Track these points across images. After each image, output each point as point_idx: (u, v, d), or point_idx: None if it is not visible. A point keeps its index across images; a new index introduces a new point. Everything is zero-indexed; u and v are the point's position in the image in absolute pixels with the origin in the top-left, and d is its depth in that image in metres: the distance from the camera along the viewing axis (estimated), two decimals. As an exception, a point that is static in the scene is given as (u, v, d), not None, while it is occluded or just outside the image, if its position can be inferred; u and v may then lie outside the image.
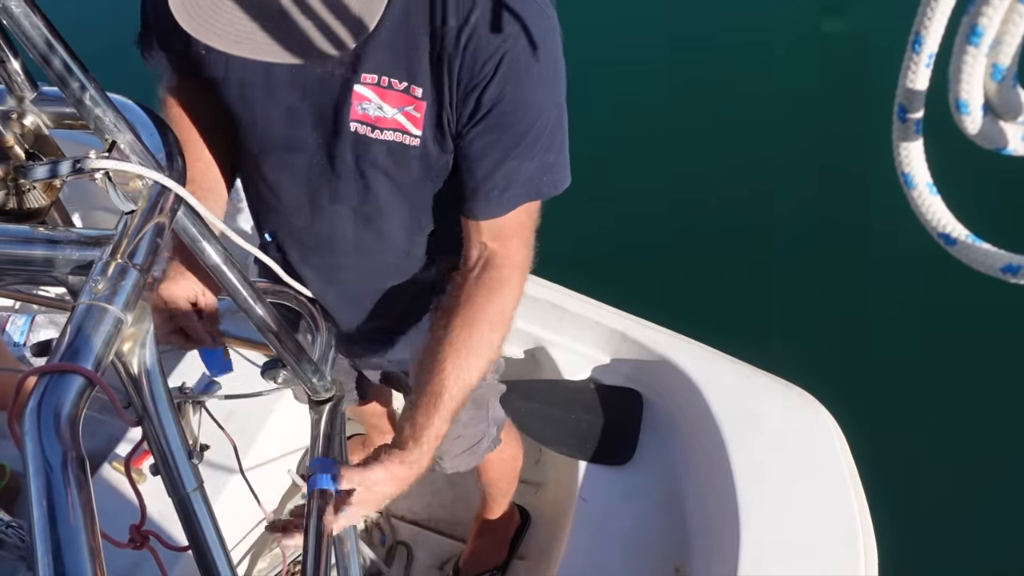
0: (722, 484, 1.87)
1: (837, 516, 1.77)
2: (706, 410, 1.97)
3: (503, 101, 1.11)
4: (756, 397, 1.99)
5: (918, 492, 2.68)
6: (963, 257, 0.52)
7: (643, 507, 2.05)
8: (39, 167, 0.85)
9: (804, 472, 1.86)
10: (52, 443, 0.68)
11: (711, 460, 1.94)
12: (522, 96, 1.12)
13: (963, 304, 2.96)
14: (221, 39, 0.93)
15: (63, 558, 0.65)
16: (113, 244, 0.83)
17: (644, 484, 2.09)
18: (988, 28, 0.46)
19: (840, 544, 1.73)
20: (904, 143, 0.53)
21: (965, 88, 0.49)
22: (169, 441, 0.94)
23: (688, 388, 2.04)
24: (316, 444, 1.30)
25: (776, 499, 1.81)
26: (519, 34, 1.09)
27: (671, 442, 2.14)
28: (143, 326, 0.88)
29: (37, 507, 0.66)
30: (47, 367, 0.72)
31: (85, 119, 0.82)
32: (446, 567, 2.36)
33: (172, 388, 0.98)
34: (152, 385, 0.91)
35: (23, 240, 0.86)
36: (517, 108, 1.13)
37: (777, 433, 1.92)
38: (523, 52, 1.09)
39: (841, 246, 3.35)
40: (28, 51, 0.76)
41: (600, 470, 2.11)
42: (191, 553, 0.99)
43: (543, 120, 1.16)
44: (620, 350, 2.22)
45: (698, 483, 2.04)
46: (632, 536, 2.01)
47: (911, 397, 2.93)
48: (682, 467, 2.10)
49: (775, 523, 1.77)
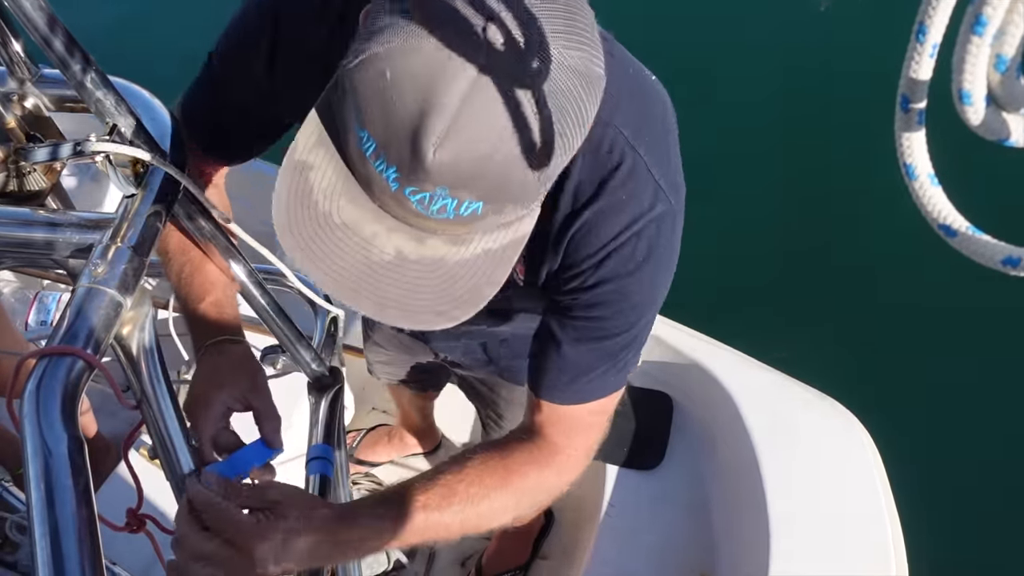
0: (752, 493, 1.83)
1: (868, 532, 1.73)
2: (737, 417, 1.94)
3: (600, 304, 0.97)
4: (788, 406, 1.94)
5: (952, 511, 2.62)
6: (963, 249, 0.52)
7: (669, 512, 2.03)
8: (40, 149, 0.85)
9: (836, 485, 1.82)
10: (50, 425, 0.69)
11: (741, 468, 1.91)
12: (623, 299, 0.97)
13: (1006, 318, 2.91)
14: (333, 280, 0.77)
15: (60, 540, 0.65)
16: (113, 228, 0.83)
17: (672, 489, 2.06)
18: (992, 18, 0.46)
19: (871, 561, 1.70)
20: (906, 133, 0.53)
21: (968, 78, 0.48)
22: (168, 424, 0.94)
23: (719, 394, 2.00)
24: (315, 431, 1.30)
25: (806, 511, 1.77)
26: (634, 229, 0.92)
27: (700, 448, 2.11)
28: (142, 309, 0.88)
29: (35, 489, 0.67)
30: (46, 350, 0.72)
31: (86, 102, 0.82)
32: (468, 564, 2.35)
33: (171, 371, 0.98)
34: (151, 368, 0.91)
35: (23, 222, 0.86)
36: (614, 312, 0.98)
37: (809, 444, 1.87)
38: (634, 250, 0.93)
39: (875, 258, 3.26)
40: (29, 33, 0.76)
41: (627, 473, 2.08)
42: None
43: (640, 326, 1.01)
44: (651, 352, 2.18)
45: (727, 490, 2.01)
46: (657, 540, 1.99)
47: (948, 412, 2.86)
48: (711, 473, 2.07)
49: (804, 535, 1.74)
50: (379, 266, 0.75)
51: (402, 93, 0.66)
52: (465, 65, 0.65)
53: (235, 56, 1.03)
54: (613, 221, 0.91)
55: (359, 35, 0.71)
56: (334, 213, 0.75)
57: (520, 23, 0.66)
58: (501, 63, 0.66)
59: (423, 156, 0.66)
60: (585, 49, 0.70)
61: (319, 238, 0.75)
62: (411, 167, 0.67)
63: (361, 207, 0.74)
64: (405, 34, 0.66)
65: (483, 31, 0.65)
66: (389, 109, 0.67)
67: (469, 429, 2.51)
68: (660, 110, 0.96)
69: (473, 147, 0.66)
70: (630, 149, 0.90)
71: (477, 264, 0.78)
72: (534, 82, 0.67)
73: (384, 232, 0.75)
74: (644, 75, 0.97)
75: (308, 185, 0.75)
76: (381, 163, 0.69)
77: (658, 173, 0.92)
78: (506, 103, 0.66)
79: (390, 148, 0.68)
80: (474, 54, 0.65)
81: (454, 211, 0.70)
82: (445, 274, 0.77)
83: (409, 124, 0.66)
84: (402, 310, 0.77)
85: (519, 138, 0.68)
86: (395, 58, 0.66)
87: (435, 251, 0.76)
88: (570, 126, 0.71)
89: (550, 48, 0.67)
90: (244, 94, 1.04)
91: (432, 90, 0.65)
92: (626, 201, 0.91)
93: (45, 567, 0.64)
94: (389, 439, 2.46)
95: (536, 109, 0.67)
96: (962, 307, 3.05)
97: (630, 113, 0.90)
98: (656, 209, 0.92)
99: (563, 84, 0.68)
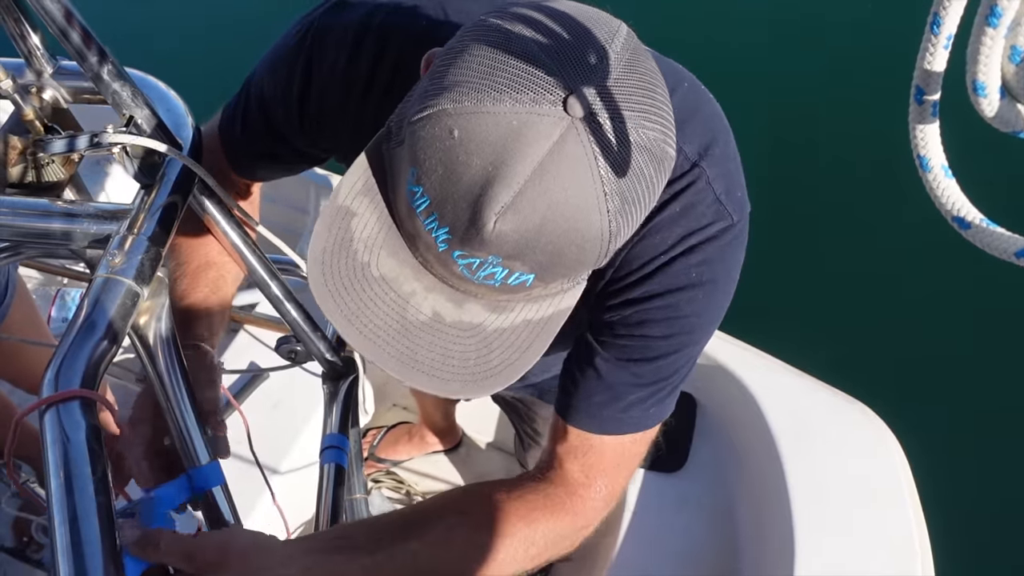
0: (777, 497, 1.81)
1: (895, 538, 1.71)
2: (763, 421, 1.91)
3: (647, 321, 0.89)
4: (815, 410, 1.91)
5: (980, 516, 2.57)
6: (977, 241, 0.52)
7: (693, 515, 2.01)
8: (57, 140, 0.86)
9: (862, 490, 1.79)
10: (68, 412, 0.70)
11: (766, 472, 1.89)
12: (672, 318, 0.89)
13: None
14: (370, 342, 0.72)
15: (80, 527, 0.66)
16: (130, 219, 0.84)
17: (695, 492, 2.04)
18: (1007, 10, 0.46)
19: (897, 567, 1.67)
20: (920, 125, 0.53)
21: (983, 70, 0.48)
22: (184, 414, 0.95)
23: (744, 396, 1.98)
24: (329, 420, 1.31)
25: (832, 515, 1.75)
26: (688, 243, 0.86)
27: (725, 450, 2.09)
28: (159, 299, 0.89)
29: (54, 477, 0.68)
30: (45, 400, 0.71)
31: (103, 93, 0.83)
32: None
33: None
34: (168, 358, 0.92)
35: (42, 213, 0.87)
36: (661, 332, 0.90)
37: (836, 450, 1.85)
38: (687, 265, 0.87)
39: (904, 259, 3.20)
40: (47, 25, 0.77)
41: (651, 475, 2.06)
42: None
43: (687, 352, 0.93)
44: (675, 353, 2.16)
45: (751, 494, 1.99)
46: (680, 543, 1.97)
47: (976, 416, 2.81)
48: (735, 476, 2.05)
49: (830, 540, 1.72)
50: (413, 326, 0.71)
51: (469, 156, 0.62)
52: (539, 137, 0.61)
53: (270, 96, 0.98)
54: (666, 233, 0.85)
55: (425, 85, 0.67)
56: (372, 265, 0.71)
57: (601, 96, 0.63)
58: (576, 138, 0.62)
59: (482, 225, 0.62)
60: (659, 127, 0.67)
61: (353, 289, 0.71)
62: (466, 233, 0.64)
63: (402, 261, 0.71)
64: (479, 95, 0.62)
65: (563, 102, 0.62)
66: (452, 170, 0.63)
67: (492, 427, 2.50)
68: (720, 126, 0.91)
69: (535, 222, 0.63)
70: (688, 162, 0.85)
71: (516, 333, 0.73)
72: (607, 161, 0.64)
73: (422, 291, 0.71)
74: (701, 90, 0.92)
75: (349, 233, 0.71)
76: (432, 221, 0.65)
77: (720, 187, 0.86)
78: (576, 181, 0.63)
79: (445, 209, 0.64)
80: (550, 127, 0.62)
81: (502, 280, 0.67)
82: (481, 341, 0.72)
83: (472, 189, 0.62)
84: (430, 375, 0.72)
85: (584, 217, 0.64)
86: (466, 118, 0.62)
87: (473, 316, 0.72)
88: (635, 207, 0.67)
89: (627, 125, 0.64)
90: (275, 138, 1.01)
91: (502, 159, 0.61)
92: (680, 213, 0.85)
93: (64, 553, 0.65)
94: (410, 437, 2.45)
95: (605, 190, 0.64)
96: (992, 309, 3.00)
97: (691, 129, 0.85)
98: (715, 225, 0.86)
99: (635, 164, 0.65)
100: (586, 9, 0.69)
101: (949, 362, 2.96)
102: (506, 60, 0.63)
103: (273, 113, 0.97)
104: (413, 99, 0.68)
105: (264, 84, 0.98)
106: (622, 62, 0.65)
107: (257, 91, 0.99)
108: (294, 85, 0.93)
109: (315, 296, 0.71)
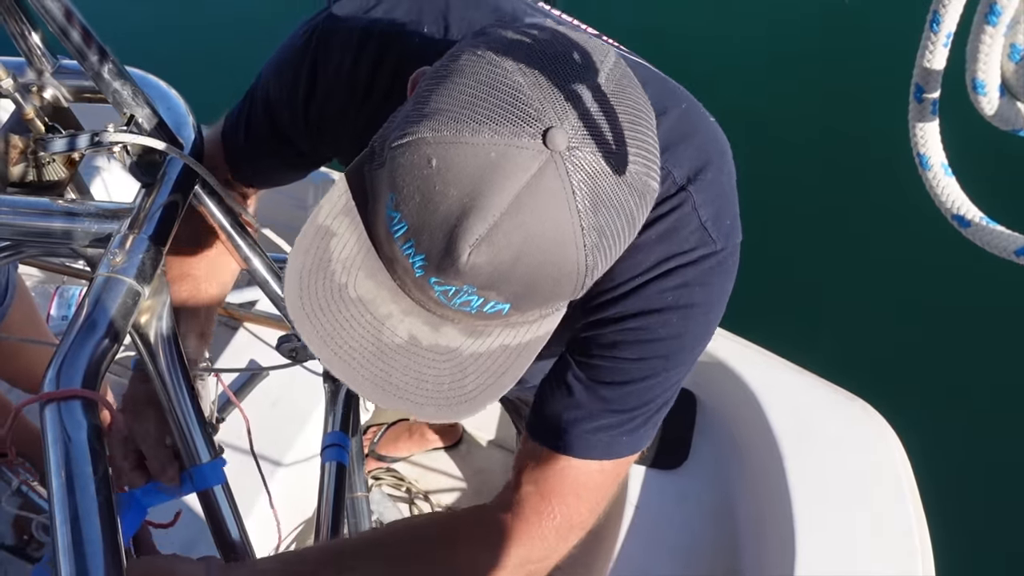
0: (777, 493, 1.82)
1: (895, 535, 1.72)
2: (763, 417, 1.91)
3: (620, 343, 0.87)
4: (816, 407, 1.91)
5: (981, 514, 2.57)
6: (977, 240, 0.52)
7: (693, 512, 2.01)
8: (58, 139, 0.86)
9: (863, 487, 1.79)
10: (70, 412, 0.70)
11: (766, 468, 1.89)
12: (647, 341, 0.87)
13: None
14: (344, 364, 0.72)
15: (81, 526, 0.66)
16: (131, 217, 0.84)
17: (696, 489, 2.04)
18: (1006, 8, 0.46)
19: (898, 564, 1.68)
20: (920, 123, 0.53)
21: (982, 68, 0.48)
22: (185, 412, 0.95)
23: (745, 393, 1.98)
24: (330, 418, 1.31)
25: (832, 513, 1.75)
26: (666, 266, 0.84)
27: (725, 447, 2.09)
28: (160, 298, 0.89)
29: (55, 476, 0.68)
30: (47, 395, 0.72)
31: (103, 92, 0.83)
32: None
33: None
34: (169, 356, 0.92)
35: (43, 212, 0.87)
36: (635, 355, 0.88)
37: (836, 446, 1.84)
38: (662, 287, 0.85)
39: (905, 256, 3.18)
40: (47, 24, 0.77)
41: (651, 472, 2.06)
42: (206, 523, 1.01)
43: (664, 379, 0.90)
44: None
45: (752, 490, 1.99)
46: (681, 540, 1.98)
47: (977, 414, 2.80)
48: (736, 473, 2.05)
49: (830, 537, 1.72)
50: (389, 348, 0.70)
51: (446, 186, 0.61)
52: (517, 170, 0.61)
53: (276, 98, 0.98)
54: (645, 255, 0.83)
55: (408, 110, 0.67)
56: (350, 286, 0.70)
57: (583, 129, 0.62)
58: (555, 172, 0.61)
59: (457, 256, 0.62)
60: (642, 160, 0.66)
61: (330, 310, 0.70)
62: (441, 262, 0.63)
63: (379, 283, 0.70)
64: (459, 125, 0.62)
65: (543, 135, 0.61)
66: (429, 199, 0.62)
67: (493, 424, 2.50)
68: (716, 150, 0.88)
69: (510, 254, 0.62)
70: (675, 186, 0.83)
71: (492, 359, 0.72)
72: (585, 196, 0.62)
73: (399, 313, 0.70)
74: (700, 113, 0.90)
75: (328, 253, 0.71)
76: (410, 247, 0.65)
77: (706, 213, 0.84)
78: (553, 215, 0.62)
79: (422, 237, 0.63)
80: (528, 160, 0.61)
81: (478, 308, 0.67)
82: (456, 366, 0.71)
83: (448, 220, 0.62)
84: (404, 399, 0.71)
85: (559, 251, 0.63)
86: (445, 148, 0.62)
87: (450, 340, 0.71)
88: (614, 242, 0.66)
89: (609, 159, 0.63)
90: (280, 140, 1.00)
91: (478, 190, 0.61)
92: (662, 236, 0.83)
93: (65, 552, 0.65)
94: (410, 434, 2.45)
95: (582, 224, 0.63)
96: (992, 307, 2.99)
97: (682, 152, 0.84)
98: (697, 251, 0.84)
99: (615, 199, 0.64)
100: (577, 36, 0.68)
101: (949, 359, 2.95)
102: (488, 91, 0.63)
103: (279, 115, 0.97)
104: (396, 122, 0.67)
105: (270, 87, 0.97)
106: (607, 94, 0.65)
107: (263, 94, 0.99)
108: (300, 87, 0.93)
109: (291, 317, 0.70)
